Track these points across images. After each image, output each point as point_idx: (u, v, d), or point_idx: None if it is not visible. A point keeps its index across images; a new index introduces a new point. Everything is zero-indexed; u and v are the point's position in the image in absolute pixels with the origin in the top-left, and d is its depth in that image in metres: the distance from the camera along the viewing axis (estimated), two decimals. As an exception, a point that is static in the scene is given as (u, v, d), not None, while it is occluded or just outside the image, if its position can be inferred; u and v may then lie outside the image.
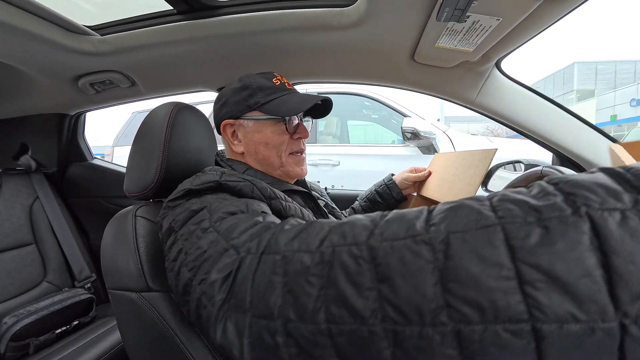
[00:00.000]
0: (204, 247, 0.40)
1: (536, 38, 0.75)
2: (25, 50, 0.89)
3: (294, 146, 0.69)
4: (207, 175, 0.56)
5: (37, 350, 1.02)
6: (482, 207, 0.24)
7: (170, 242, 0.49)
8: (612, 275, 0.19)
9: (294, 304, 0.27)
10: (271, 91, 0.67)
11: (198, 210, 0.49)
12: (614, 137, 0.98)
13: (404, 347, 0.22)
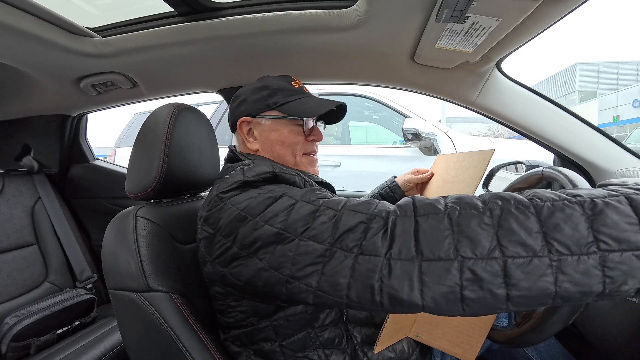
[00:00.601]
0: (328, 219, 0.41)
1: (537, 39, 0.75)
2: (27, 52, 0.90)
3: (308, 147, 0.72)
4: (260, 167, 0.55)
5: (38, 350, 1.02)
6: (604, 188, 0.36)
7: (246, 232, 0.46)
8: None
9: (470, 245, 0.34)
10: (290, 93, 0.69)
11: (278, 197, 0.48)
12: (617, 138, 0.97)
13: (566, 271, 0.32)
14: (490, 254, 0.33)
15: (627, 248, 0.31)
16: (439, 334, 0.60)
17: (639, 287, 0.31)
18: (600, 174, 0.95)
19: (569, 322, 0.50)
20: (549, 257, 0.32)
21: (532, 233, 0.33)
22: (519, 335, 0.54)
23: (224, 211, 0.51)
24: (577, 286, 0.31)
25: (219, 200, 0.53)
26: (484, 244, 0.34)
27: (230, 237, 0.48)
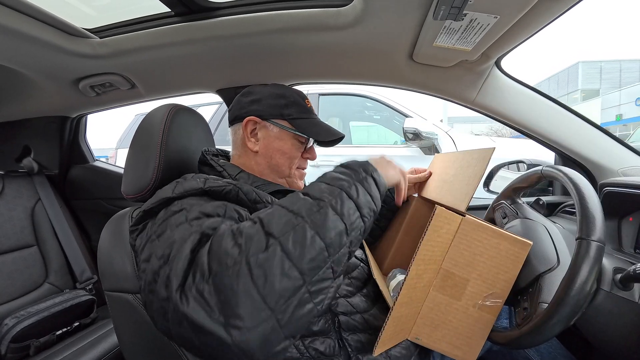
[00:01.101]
0: (174, 237, 0.43)
1: (539, 37, 0.75)
2: (25, 54, 0.90)
3: (303, 163, 0.76)
4: (190, 182, 0.55)
5: (38, 351, 1.02)
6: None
7: (144, 245, 0.48)
8: None
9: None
10: (303, 110, 0.73)
11: (177, 211, 0.49)
12: (620, 136, 0.96)
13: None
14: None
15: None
16: (439, 336, 0.59)
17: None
18: (602, 173, 0.94)
19: (570, 323, 0.49)
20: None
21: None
22: (520, 337, 0.53)
23: (144, 231, 0.52)
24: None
25: (145, 215, 0.54)
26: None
27: (141, 252, 0.50)
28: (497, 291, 0.57)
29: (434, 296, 0.58)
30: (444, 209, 0.55)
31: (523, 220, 0.74)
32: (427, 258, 0.55)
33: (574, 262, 0.48)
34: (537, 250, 0.61)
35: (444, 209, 0.54)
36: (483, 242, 0.56)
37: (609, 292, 0.55)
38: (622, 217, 0.76)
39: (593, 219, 0.50)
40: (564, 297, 0.47)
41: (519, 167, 1.50)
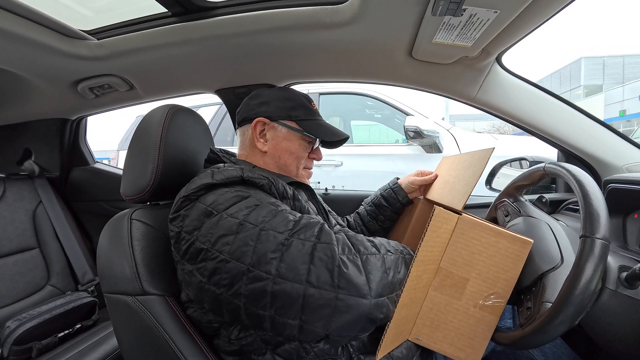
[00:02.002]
0: (289, 220, 0.50)
1: (540, 33, 0.74)
2: (23, 56, 0.90)
3: (309, 163, 0.79)
4: (230, 171, 0.58)
5: (40, 354, 1.02)
6: None
7: (209, 227, 0.50)
8: None
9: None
10: (309, 112, 0.76)
11: (244, 196, 0.53)
12: (624, 132, 0.95)
13: None
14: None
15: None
16: (440, 337, 0.58)
17: None
18: (605, 169, 0.92)
19: (575, 323, 0.48)
20: None
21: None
22: (524, 337, 0.52)
23: (191, 209, 0.54)
24: None
25: (187, 200, 0.56)
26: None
27: (195, 232, 0.51)
28: (498, 291, 0.56)
29: (433, 296, 0.57)
30: (442, 208, 0.54)
31: (526, 218, 0.73)
32: (427, 259, 0.54)
33: (578, 260, 0.47)
34: (541, 248, 0.60)
35: (442, 209, 0.54)
36: (481, 240, 0.55)
37: (614, 290, 0.54)
38: (627, 214, 0.74)
39: (597, 216, 0.49)
40: (568, 296, 0.47)
41: (521, 164, 1.49)
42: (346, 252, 0.47)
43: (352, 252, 0.48)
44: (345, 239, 0.50)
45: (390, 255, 0.52)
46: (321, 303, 0.43)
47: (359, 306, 0.44)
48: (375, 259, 0.50)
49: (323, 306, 0.43)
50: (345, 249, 0.48)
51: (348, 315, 0.44)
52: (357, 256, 0.48)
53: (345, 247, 0.48)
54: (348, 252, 0.48)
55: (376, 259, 0.50)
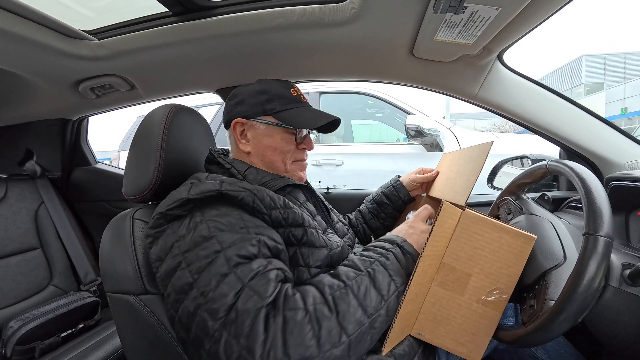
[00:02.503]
0: (229, 296, 0.43)
1: (541, 31, 0.74)
2: (24, 57, 0.90)
3: (299, 155, 0.73)
4: (207, 184, 0.55)
5: (43, 353, 1.03)
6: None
7: (173, 266, 0.49)
8: None
9: None
10: (287, 101, 0.70)
11: (207, 237, 0.49)
12: (625, 130, 0.95)
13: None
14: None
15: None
16: (442, 332, 0.58)
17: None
18: (608, 167, 0.92)
19: (578, 321, 0.48)
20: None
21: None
22: (526, 335, 0.52)
23: (161, 236, 0.54)
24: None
25: (161, 218, 0.55)
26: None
27: (157, 264, 0.52)
28: (501, 286, 0.56)
29: (436, 291, 0.57)
30: (450, 203, 0.54)
31: (528, 216, 0.73)
32: (432, 254, 0.55)
33: (582, 258, 0.47)
34: (543, 246, 0.60)
35: (449, 204, 0.54)
36: (484, 235, 0.55)
37: (617, 288, 0.54)
38: (629, 212, 0.74)
39: (600, 213, 0.49)
40: (571, 294, 0.46)
41: (522, 162, 1.49)
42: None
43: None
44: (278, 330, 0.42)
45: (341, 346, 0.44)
46: None
47: None
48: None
49: None
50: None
51: None
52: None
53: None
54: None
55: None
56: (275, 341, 0.41)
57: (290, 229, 0.57)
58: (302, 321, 0.43)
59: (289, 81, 0.75)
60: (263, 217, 0.55)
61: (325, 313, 0.44)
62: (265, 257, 0.50)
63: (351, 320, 0.45)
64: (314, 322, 0.43)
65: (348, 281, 0.49)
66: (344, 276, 0.50)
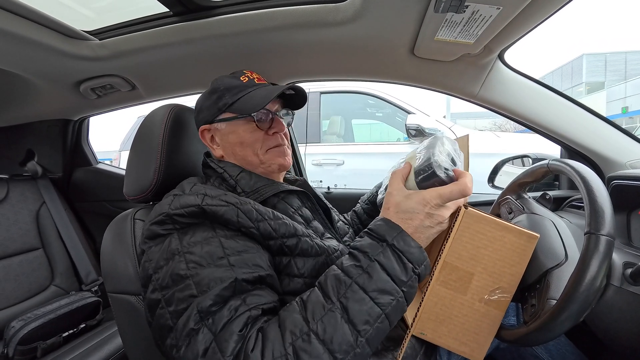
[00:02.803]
0: (199, 354, 0.42)
1: (542, 29, 0.73)
2: (25, 57, 0.90)
3: (271, 141, 0.67)
4: (188, 198, 0.54)
5: (45, 353, 1.03)
6: None
7: (153, 302, 0.49)
8: None
9: None
10: (238, 90, 0.66)
11: (184, 277, 0.47)
12: (626, 129, 0.94)
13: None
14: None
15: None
16: (444, 331, 0.58)
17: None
18: (609, 166, 0.92)
19: (580, 320, 0.48)
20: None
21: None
22: (528, 334, 0.52)
23: (143, 262, 0.53)
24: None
25: (143, 239, 0.55)
26: None
27: (144, 289, 0.52)
28: (504, 285, 0.56)
29: (438, 290, 0.57)
30: (472, 209, 0.53)
31: (529, 215, 0.73)
32: (434, 252, 0.54)
33: (583, 257, 0.47)
34: (545, 245, 0.60)
35: (471, 209, 0.53)
36: (487, 234, 0.55)
37: (619, 287, 0.54)
38: (631, 211, 0.74)
39: (602, 212, 0.49)
40: (572, 293, 0.46)
41: (523, 161, 1.48)
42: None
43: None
44: None
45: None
46: None
47: None
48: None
49: None
50: None
51: None
52: None
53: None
54: None
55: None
56: None
57: (282, 240, 0.55)
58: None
59: (241, 70, 0.71)
60: (250, 231, 0.53)
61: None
62: (240, 293, 0.47)
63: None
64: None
65: (312, 323, 0.42)
66: (310, 313, 0.44)
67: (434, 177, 0.48)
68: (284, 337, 0.42)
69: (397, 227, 0.48)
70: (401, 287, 0.46)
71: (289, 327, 0.43)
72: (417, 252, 0.48)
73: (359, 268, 0.46)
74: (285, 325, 0.43)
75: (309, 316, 0.43)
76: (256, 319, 0.45)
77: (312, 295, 0.47)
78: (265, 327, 0.44)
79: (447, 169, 0.49)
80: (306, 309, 0.45)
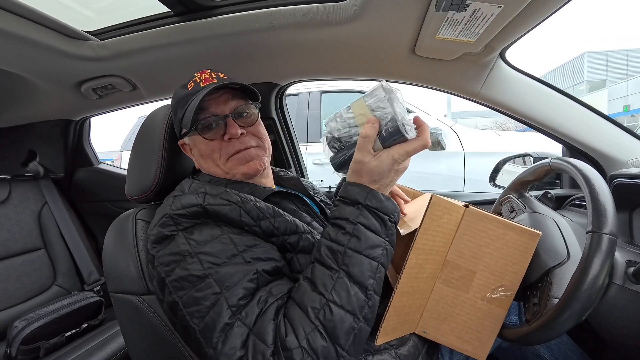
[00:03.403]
0: (237, 346, 0.44)
1: (543, 28, 0.73)
2: (27, 58, 0.90)
3: (229, 148, 0.62)
4: (189, 198, 0.54)
5: (47, 353, 1.04)
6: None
7: (171, 303, 0.49)
8: None
9: None
10: (185, 101, 0.61)
11: (202, 277, 0.48)
12: (628, 127, 0.94)
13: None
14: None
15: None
16: (447, 330, 0.58)
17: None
18: (611, 164, 0.91)
19: (582, 319, 0.48)
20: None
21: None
22: (530, 333, 0.52)
23: (155, 267, 0.53)
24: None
25: (151, 245, 0.54)
26: None
27: (162, 293, 0.51)
28: (506, 283, 0.56)
29: (440, 288, 0.57)
30: (440, 197, 0.54)
31: (531, 214, 0.73)
32: (428, 248, 0.54)
33: (586, 255, 0.47)
34: (547, 244, 0.60)
35: (440, 198, 0.54)
36: (488, 232, 0.55)
37: (621, 285, 0.54)
38: (633, 209, 0.74)
39: (604, 211, 0.49)
40: (575, 291, 0.46)
41: (525, 160, 1.48)
42: None
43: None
44: None
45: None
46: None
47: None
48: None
49: None
50: None
51: None
52: None
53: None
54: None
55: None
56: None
57: (284, 237, 0.56)
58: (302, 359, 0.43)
59: (193, 74, 0.66)
60: (253, 230, 0.53)
61: (318, 341, 0.44)
62: (265, 284, 0.49)
63: (343, 334, 0.45)
64: (312, 353, 0.43)
65: (327, 294, 0.46)
66: (322, 287, 0.47)
67: (401, 138, 0.48)
68: (307, 314, 0.45)
69: (365, 187, 0.50)
70: (385, 238, 0.49)
71: (308, 304, 0.46)
72: (389, 204, 0.50)
73: (347, 234, 0.49)
74: (304, 303, 0.46)
75: (322, 289, 0.46)
76: (282, 308, 0.48)
77: (315, 271, 0.49)
78: (288, 312, 0.47)
79: (410, 126, 0.49)
80: (316, 284, 0.47)
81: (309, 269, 0.50)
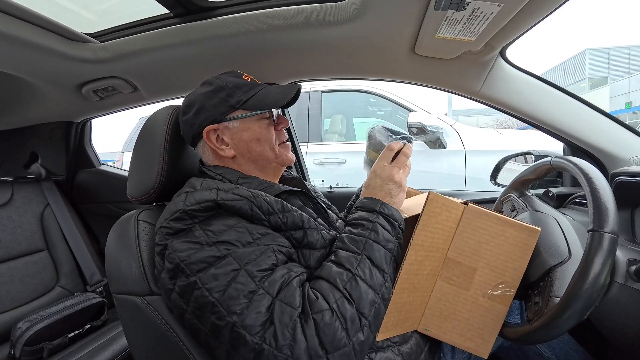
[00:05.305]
0: (262, 311, 0.46)
1: (544, 25, 0.73)
2: (28, 60, 0.91)
3: (282, 136, 0.72)
4: (202, 193, 0.55)
5: (51, 354, 1.04)
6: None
7: (186, 286, 0.49)
8: None
9: None
10: (248, 88, 0.67)
11: (220, 257, 0.49)
12: (630, 124, 0.94)
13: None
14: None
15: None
16: (449, 327, 0.59)
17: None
18: (613, 162, 0.91)
19: (584, 317, 0.48)
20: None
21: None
22: (531, 332, 0.52)
23: (167, 255, 0.53)
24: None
25: (165, 234, 0.54)
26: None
27: (173, 281, 0.52)
28: (507, 280, 0.56)
29: (441, 286, 0.57)
30: (437, 194, 0.54)
31: (532, 212, 0.73)
32: (427, 245, 0.55)
33: (587, 254, 0.47)
34: (548, 243, 0.60)
35: (438, 195, 0.54)
36: (488, 229, 0.55)
37: (623, 284, 0.54)
38: (635, 207, 0.74)
39: (605, 209, 0.48)
40: (576, 290, 0.46)
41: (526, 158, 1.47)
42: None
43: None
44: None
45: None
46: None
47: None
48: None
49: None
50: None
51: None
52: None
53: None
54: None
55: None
56: (314, 344, 0.45)
57: (290, 233, 0.57)
58: (330, 320, 0.46)
59: (235, 70, 0.71)
60: (262, 223, 0.55)
61: (347, 306, 0.48)
62: (283, 263, 0.52)
63: (367, 304, 0.49)
64: (340, 317, 0.47)
65: (353, 269, 0.51)
66: (347, 264, 0.52)
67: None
68: (335, 284, 0.50)
69: (378, 200, 0.59)
70: (395, 238, 0.57)
71: (336, 276, 0.51)
72: (397, 214, 0.59)
73: (367, 229, 0.56)
74: (332, 276, 0.51)
75: (348, 265, 0.52)
76: (305, 282, 0.52)
77: (339, 253, 0.55)
78: (314, 285, 0.51)
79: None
80: (342, 263, 0.53)
81: (332, 255, 0.56)
